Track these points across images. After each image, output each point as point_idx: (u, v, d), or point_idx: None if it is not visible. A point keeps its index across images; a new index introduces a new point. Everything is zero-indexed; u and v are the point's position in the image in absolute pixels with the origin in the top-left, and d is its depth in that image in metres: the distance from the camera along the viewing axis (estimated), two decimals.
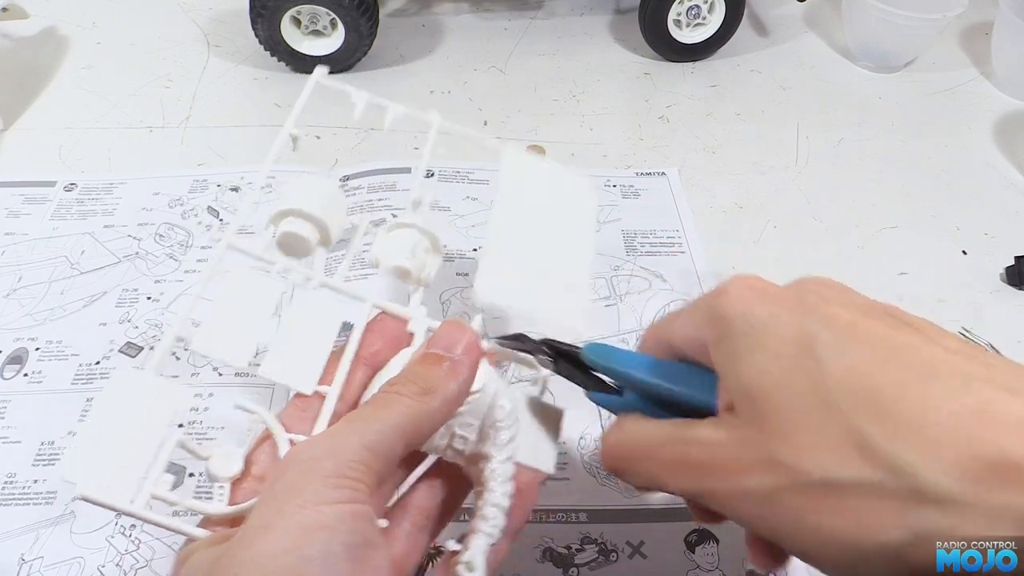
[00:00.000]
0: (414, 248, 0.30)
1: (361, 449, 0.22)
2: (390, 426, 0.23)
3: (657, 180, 0.57)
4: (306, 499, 0.20)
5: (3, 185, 0.54)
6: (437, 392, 0.24)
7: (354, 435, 0.22)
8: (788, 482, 0.20)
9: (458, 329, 0.26)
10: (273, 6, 0.61)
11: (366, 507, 0.21)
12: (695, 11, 0.66)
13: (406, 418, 0.23)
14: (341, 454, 0.22)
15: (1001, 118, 0.65)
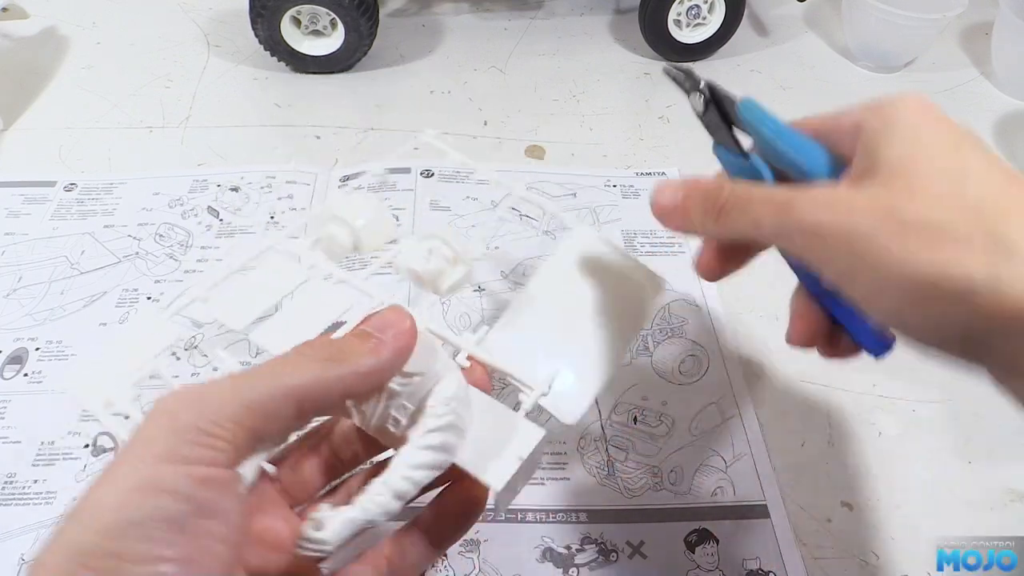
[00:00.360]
0: (431, 254, 0.31)
1: (237, 406, 0.21)
2: (281, 386, 0.22)
3: (657, 180, 0.57)
4: (152, 453, 0.19)
5: (3, 185, 0.54)
6: (346, 363, 0.23)
7: (232, 390, 0.21)
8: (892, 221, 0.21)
9: (397, 314, 0.25)
10: (273, 6, 0.61)
11: (221, 471, 0.20)
12: (695, 11, 0.66)
13: (303, 381, 0.22)
14: (208, 408, 0.20)
15: (1001, 118, 0.65)
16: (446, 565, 0.37)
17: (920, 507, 0.40)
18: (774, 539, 0.38)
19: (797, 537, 0.38)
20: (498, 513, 0.38)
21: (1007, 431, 0.43)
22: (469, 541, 0.37)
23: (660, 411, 0.43)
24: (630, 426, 0.42)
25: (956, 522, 0.39)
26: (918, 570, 0.37)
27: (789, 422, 0.43)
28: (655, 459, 0.41)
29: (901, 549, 0.38)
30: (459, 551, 0.37)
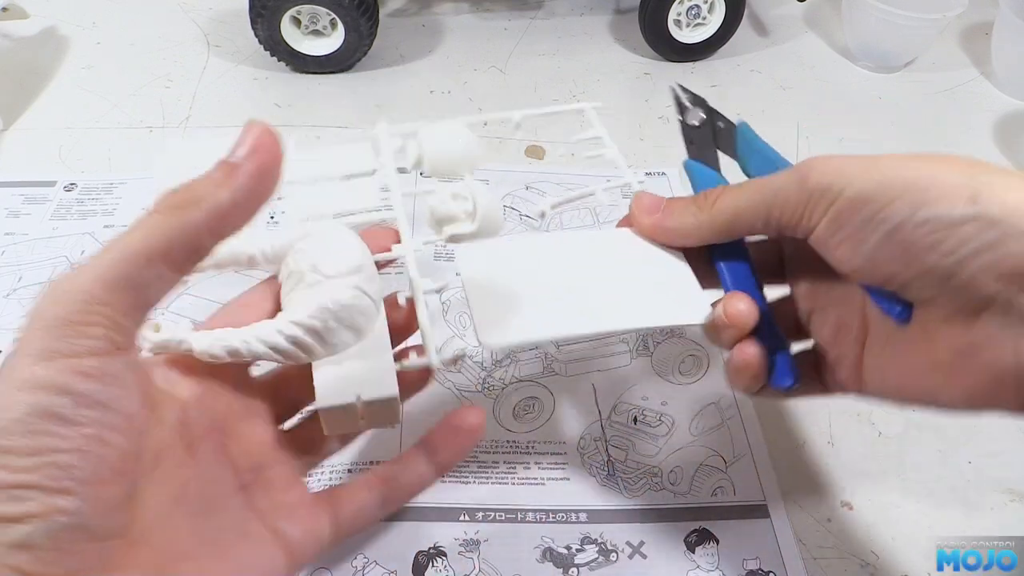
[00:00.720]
0: (454, 199, 0.31)
1: (99, 287, 0.20)
2: (131, 251, 0.20)
3: (657, 180, 0.57)
4: (27, 355, 0.19)
5: (3, 185, 0.54)
6: (201, 203, 0.21)
7: (91, 272, 0.20)
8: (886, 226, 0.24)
9: (252, 128, 0.23)
10: (273, 6, 0.61)
11: (99, 360, 0.20)
12: (695, 11, 0.66)
13: (153, 238, 0.21)
14: (68, 296, 0.20)
15: (1001, 118, 0.65)
16: (446, 565, 0.37)
17: (920, 507, 0.40)
18: (774, 539, 0.38)
19: (797, 537, 0.38)
20: None
21: (1007, 431, 0.43)
22: (469, 541, 0.37)
23: (660, 411, 0.43)
24: (630, 426, 0.42)
25: (956, 522, 0.39)
26: (918, 570, 0.37)
27: (789, 422, 0.43)
28: (655, 459, 0.41)
29: (901, 549, 0.38)
30: (459, 551, 0.37)
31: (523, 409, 0.43)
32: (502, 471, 0.40)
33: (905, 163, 0.25)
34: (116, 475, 0.20)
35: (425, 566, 0.36)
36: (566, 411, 0.43)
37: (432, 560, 0.37)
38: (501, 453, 0.41)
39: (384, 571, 0.36)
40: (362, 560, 0.36)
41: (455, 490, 0.39)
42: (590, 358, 0.45)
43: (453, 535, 0.37)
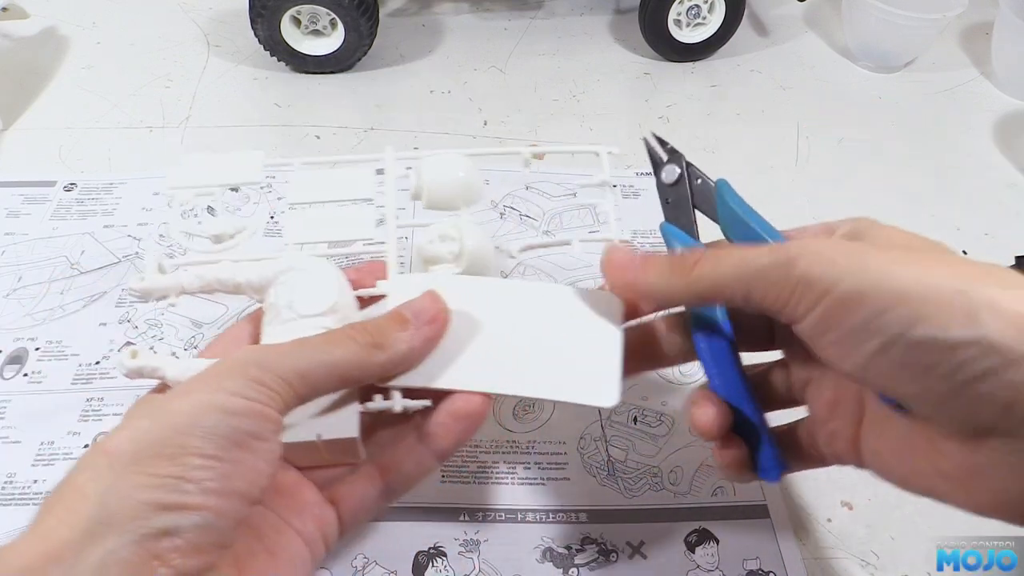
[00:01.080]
0: (441, 240, 0.32)
1: (290, 370, 0.25)
2: (328, 362, 0.26)
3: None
4: (223, 386, 0.24)
5: (3, 185, 0.54)
6: (386, 349, 0.27)
7: (289, 357, 0.25)
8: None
9: (432, 301, 0.29)
10: (273, 6, 0.61)
11: (273, 413, 0.24)
12: (695, 11, 0.66)
13: (346, 361, 0.26)
14: (270, 367, 0.25)
15: (1001, 118, 0.65)
16: (446, 565, 0.37)
17: (920, 507, 0.40)
18: (774, 539, 0.38)
19: (797, 537, 0.38)
20: None
21: None
22: (469, 541, 0.37)
23: (660, 411, 0.43)
24: (630, 426, 0.42)
25: (956, 522, 0.39)
26: (918, 570, 0.37)
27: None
28: (655, 459, 0.41)
29: (901, 549, 0.38)
30: (459, 551, 0.37)
31: (523, 409, 0.43)
32: (502, 471, 0.40)
33: (898, 264, 0.23)
34: (251, 498, 0.24)
35: (425, 566, 0.37)
36: (566, 411, 0.43)
37: (432, 560, 0.37)
38: (501, 453, 0.41)
39: (384, 571, 0.36)
40: (362, 560, 0.36)
41: (455, 490, 0.39)
42: None
43: (453, 535, 0.38)
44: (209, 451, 0.22)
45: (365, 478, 0.30)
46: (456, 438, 0.29)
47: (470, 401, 0.29)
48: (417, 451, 0.30)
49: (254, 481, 0.24)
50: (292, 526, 0.28)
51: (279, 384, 0.24)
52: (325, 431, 0.28)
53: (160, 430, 0.23)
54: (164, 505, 0.21)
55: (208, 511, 0.22)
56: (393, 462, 0.30)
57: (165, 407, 0.23)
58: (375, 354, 0.27)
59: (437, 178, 0.33)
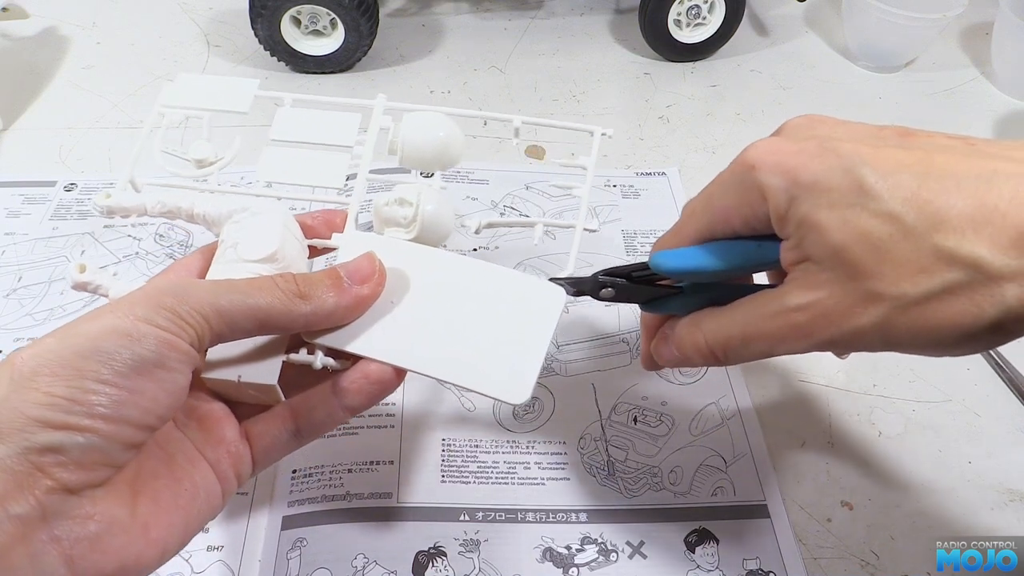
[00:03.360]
0: (398, 204, 0.32)
1: (207, 305, 0.25)
2: (248, 305, 0.26)
3: (657, 180, 0.57)
4: (133, 312, 0.24)
5: (3, 185, 0.54)
6: (311, 301, 0.27)
7: (209, 292, 0.26)
8: (893, 307, 0.24)
9: (368, 263, 0.29)
10: (273, 6, 0.61)
11: (183, 344, 0.24)
12: (695, 11, 0.66)
13: (266, 305, 0.26)
14: (188, 299, 0.25)
15: (1001, 118, 0.65)
16: (446, 565, 0.37)
17: (920, 507, 0.40)
18: (774, 539, 0.38)
19: (797, 537, 0.38)
20: None
21: (1007, 431, 0.43)
22: (469, 541, 0.37)
23: (660, 411, 0.43)
24: (630, 426, 0.42)
25: (956, 522, 0.39)
26: (918, 570, 0.37)
27: (789, 422, 0.43)
28: (655, 459, 0.41)
29: (901, 549, 0.38)
30: (459, 551, 0.37)
31: (523, 409, 0.43)
32: (502, 471, 0.40)
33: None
34: (146, 425, 0.24)
35: (425, 566, 0.37)
36: (566, 411, 0.43)
37: (432, 560, 0.37)
38: (501, 453, 0.41)
39: (384, 571, 0.36)
40: (362, 560, 0.36)
41: (455, 490, 0.39)
42: (590, 358, 0.45)
43: (453, 535, 0.37)
44: (105, 375, 0.23)
45: (278, 419, 0.30)
46: (367, 398, 0.30)
47: (384, 369, 0.29)
48: (330, 402, 0.30)
49: (149, 409, 0.24)
50: (206, 457, 0.28)
51: (193, 317, 0.25)
52: (246, 374, 0.28)
53: (62, 350, 0.23)
54: (50, 423, 0.22)
55: (93, 434, 0.22)
56: (306, 408, 0.30)
57: (74, 328, 0.24)
58: (299, 304, 0.27)
59: (415, 135, 0.33)
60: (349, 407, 0.30)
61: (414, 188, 0.32)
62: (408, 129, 0.33)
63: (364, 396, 0.30)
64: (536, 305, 0.31)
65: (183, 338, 0.24)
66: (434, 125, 0.34)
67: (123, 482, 0.24)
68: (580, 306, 0.48)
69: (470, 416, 0.42)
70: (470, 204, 0.54)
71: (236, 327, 0.26)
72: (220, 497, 0.28)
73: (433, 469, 0.40)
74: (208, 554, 0.36)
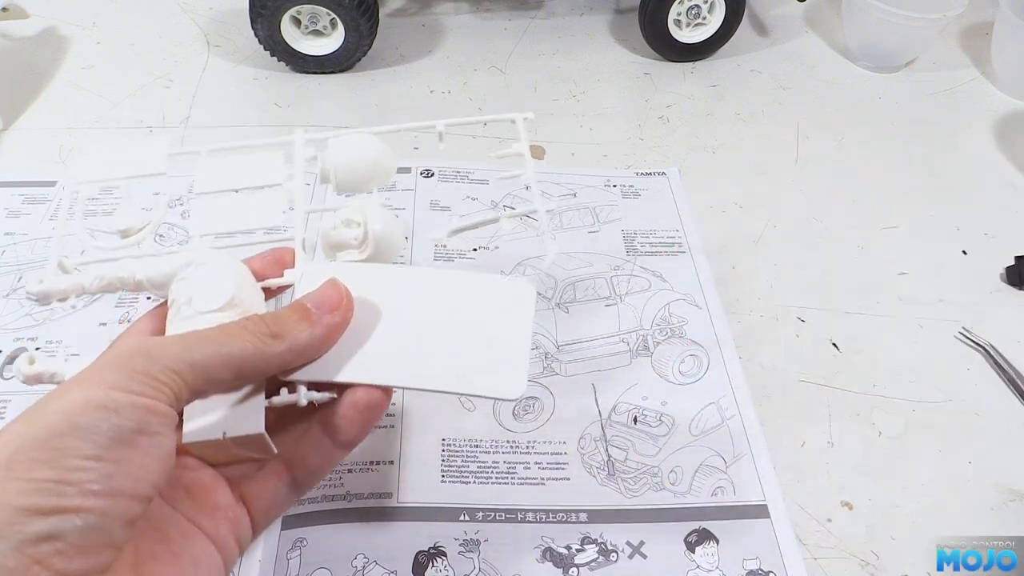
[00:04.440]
0: (345, 225, 0.32)
1: (180, 361, 0.24)
2: (221, 354, 0.25)
3: (657, 180, 0.57)
4: (103, 381, 0.23)
5: (3, 185, 0.54)
6: (284, 339, 0.26)
7: (179, 347, 0.24)
8: None
9: (334, 290, 0.28)
10: (273, 6, 0.61)
11: (161, 407, 0.23)
12: (695, 11, 0.66)
13: (241, 352, 0.25)
14: (157, 358, 0.23)
15: (1001, 118, 0.65)
16: (446, 565, 0.37)
17: (920, 507, 0.40)
18: (774, 539, 0.38)
19: (797, 537, 0.38)
20: None
21: (1007, 431, 0.43)
22: (469, 541, 0.37)
23: (660, 411, 0.43)
24: (630, 426, 0.42)
25: (956, 522, 0.39)
26: (918, 570, 0.37)
27: (789, 422, 0.43)
28: (655, 459, 0.41)
29: (901, 549, 0.38)
30: (459, 551, 0.37)
31: (523, 409, 0.43)
32: (502, 471, 0.40)
33: None
34: (141, 496, 0.23)
35: (425, 566, 0.37)
36: (566, 411, 0.43)
37: (432, 560, 0.37)
38: (501, 453, 0.41)
39: (384, 571, 0.36)
40: (362, 560, 0.36)
41: (455, 490, 0.39)
42: (590, 358, 0.45)
43: (453, 535, 0.38)
44: (88, 451, 0.21)
45: (273, 474, 0.29)
46: (360, 429, 0.29)
47: (371, 393, 0.28)
48: (323, 444, 0.29)
49: (142, 478, 0.22)
50: (203, 529, 0.27)
51: (168, 376, 0.23)
52: (230, 428, 0.27)
53: (36, 432, 0.22)
54: (41, 510, 0.20)
55: (90, 512, 0.21)
56: (299, 456, 0.29)
57: (42, 408, 0.22)
58: (272, 345, 0.26)
59: (343, 160, 0.33)
60: (344, 443, 0.29)
61: (357, 207, 0.32)
62: (335, 154, 0.33)
63: (357, 427, 0.28)
64: (508, 303, 0.30)
65: (161, 400, 0.23)
66: (359, 146, 0.33)
67: (124, 567, 0.23)
68: (580, 306, 0.48)
69: (470, 416, 0.42)
70: (470, 204, 0.54)
71: (212, 379, 0.25)
72: (222, 568, 0.27)
73: (433, 469, 0.40)
74: None
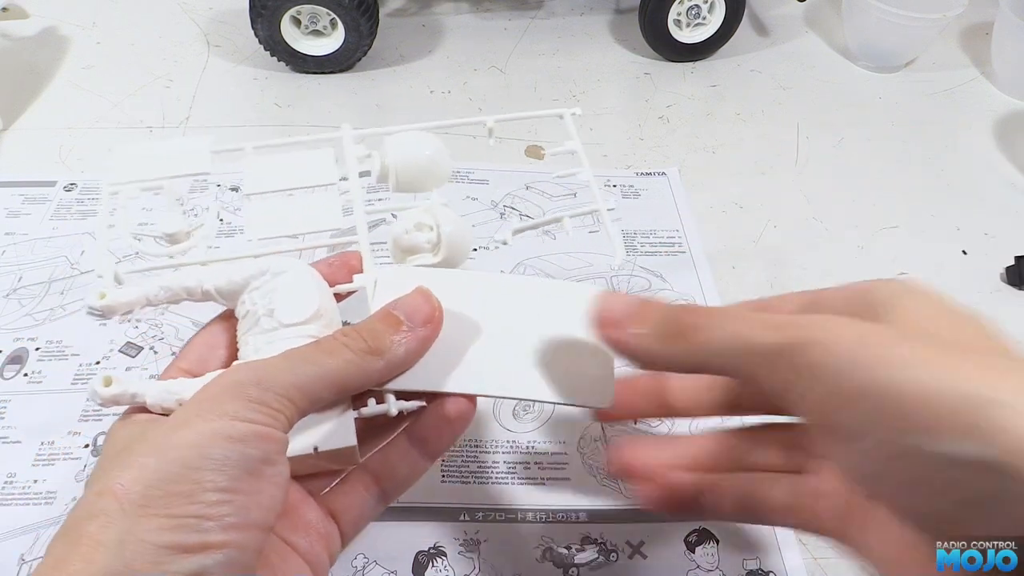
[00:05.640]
0: (417, 229, 0.31)
1: (290, 386, 0.24)
2: (324, 372, 0.24)
3: (657, 180, 0.57)
4: (224, 412, 0.22)
5: (3, 185, 0.54)
6: (383, 354, 0.26)
7: (287, 372, 0.24)
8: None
9: (425, 300, 0.27)
10: (273, 6, 0.61)
11: (279, 434, 0.23)
12: (695, 11, 0.66)
13: (343, 371, 0.25)
14: (269, 385, 0.23)
15: (1001, 118, 0.65)
16: (446, 565, 0.37)
17: None
18: (774, 539, 0.38)
19: (797, 537, 0.38)
20: None
21: None
22: (469, 541, 0.37)
23: None
24: (630, 426, 0.42)
25: None
26: None
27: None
28: None
29: None
30: (459, 551, 0.37)
31: (523, 409, 0.43)
32: (502, 471, 0.40)
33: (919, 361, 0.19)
34: (268, 526, 0.23)
35: (425, 566, 0.37)
36: (566, 411, 0.43)
37: (432, 560, 0.37)
38: (501, 453, 0.41)
39: (384, 571, 0.36)
40: (362, 560, 0.36)
41: (455, 490, 0.39)
42: None
43: (453, 535, 0.38)
44: (224, 484, 0.21)
45: (361, 486, 0.29)
46: (447, 440, 0.29)
47: (459, 403, 0.28)
48: (410, 454, 0.29)
49: (270, 507, 0.23)
50: (296, 548, 0.27)
51: (280, 402, 0.23)
52: (322, 442, 0.26)
53: (169, 466, 0.21)
54: (185, 547, 0.20)
55: (231, 547, 0.21)
56: (386, 467, 0.29)
57: (168, 441, 0.22)
58: (372, 361, 0.25)
59: (404, 158, 0.32)
60: (432, 453, 0.29)
61: (427, 211, 0.31)
62: (395, 152, 0.32)
63: (444, 438, 0.28)
64: (586, 309, 0.29)
65: (277, 427, 0.23)
66: (418, 143, 0.33)
67: None
68: None
69: None
70: (470, 204, 0.54)
71: (317, 400, 0.25)
72: None
73: (433, 469, 0.40)
74: None
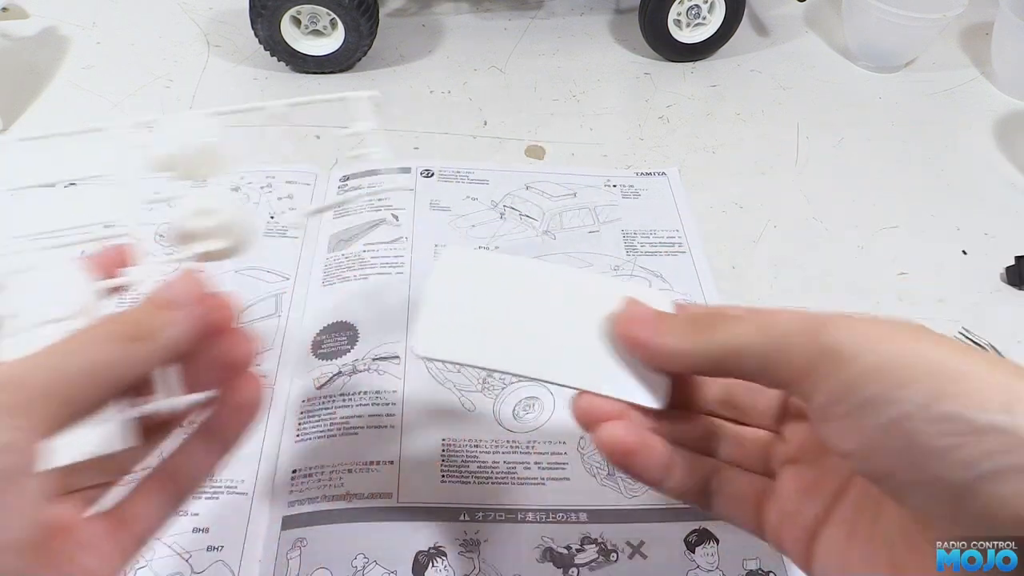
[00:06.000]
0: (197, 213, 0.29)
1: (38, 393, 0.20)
2: (78, 371, 0.21)
3: (657, 180, 0.57)
4: None
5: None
6: (151, 339, 0.23)
7: (44, 369, 0.21)
8: None
9: (190, 279, 0.25)
10: (273, 6, 0.61)
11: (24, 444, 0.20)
12: (695, 11, 0.66)
13: (103, 364, 0.22)
14: (17, 389, 0.20)
15: (1001, 118, 0.65)
16: (446, 565, 0.37)
17: None
18: None
19: None
20: None
21: None
22: (469, 541, 0.37)
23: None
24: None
25: None
26: None
27: None
28: None
29: None
30: (459, 551, 0.37)
31: (523, 409, 0.43)
32: (502, 471, 0.40)
33: (942, 346, 0.20)
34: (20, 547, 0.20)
35: (425, 566, 0.37)
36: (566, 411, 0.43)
37: (432, 560, 0.37)
38: (501, 453, 0.41)
39: (384, 571, 0.36)
40: (362, 560, 0.36)
41: (455, 490, 0.39)
42: None
43: (453, 535, 0.38)
44: None
45: (153, 490, 0.26)
46: (239, 430, 0.26)
47: (249, 390, 0.26)
48: (200, 450, 0.26)
49: (21, 527, 0.20)
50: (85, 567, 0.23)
51: (36, 406, 0.20)
52: (98, 446, 0.23)
53: None
54: None
55: None
56: (176, 465, 0.26)
57: None
58: (137, 347, 0.22)
59: (183, 144, 0.31)
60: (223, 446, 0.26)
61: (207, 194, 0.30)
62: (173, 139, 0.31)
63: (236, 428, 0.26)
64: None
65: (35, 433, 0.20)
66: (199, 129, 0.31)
67: None
68: None
69: (470, 416, 0.42)
70: (470, 204, 0.54)
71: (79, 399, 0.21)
72: None
73: (433, 469, 0.40)
74: (208, 554, 0.36)
